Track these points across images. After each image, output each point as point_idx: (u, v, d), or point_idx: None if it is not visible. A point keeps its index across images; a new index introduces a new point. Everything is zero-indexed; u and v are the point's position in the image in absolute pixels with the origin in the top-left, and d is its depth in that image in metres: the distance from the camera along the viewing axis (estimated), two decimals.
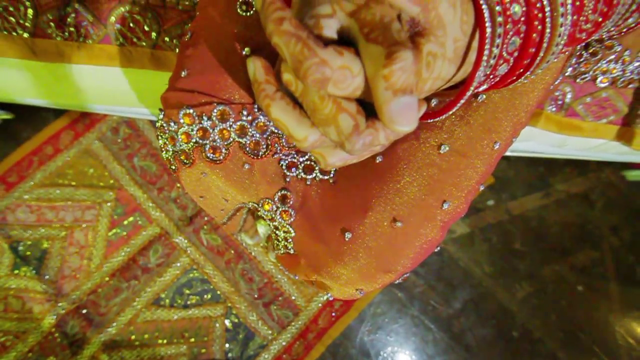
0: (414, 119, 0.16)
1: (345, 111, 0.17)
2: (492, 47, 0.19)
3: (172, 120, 0.25)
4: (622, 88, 0.47)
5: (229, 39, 0.24)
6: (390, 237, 0.25)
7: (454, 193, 0.26)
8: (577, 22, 0.21)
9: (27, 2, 0.40)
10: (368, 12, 0.17)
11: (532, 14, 0.19)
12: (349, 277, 0.26)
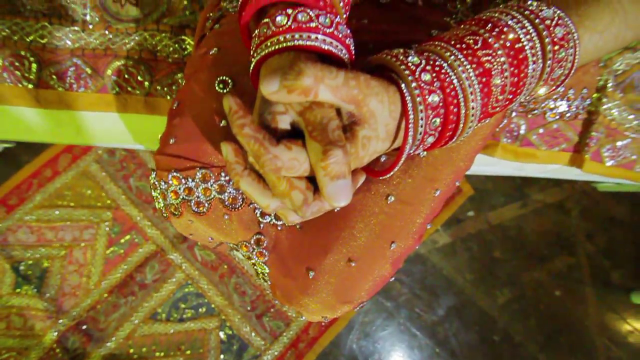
0: (347, 196, 0.21)
1: (297, 188, 0.22)
2: (416, 129, 0.24)
3: (163, 180, 0.30)
4: (570, 120, 0.53)
5: (209, 112, 0.29)
6: (346, 274, 0.30)
7: (401, 235, 0.31)
8: (487, 103, 0.26)
9: (31, 57, 0.45)
10: (311, 113, 0.22)
11: (447, 101, 0.24)
12: (314, 307, 0.31)
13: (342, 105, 0.22)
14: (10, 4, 0.45)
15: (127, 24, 0.45)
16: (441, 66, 0.24)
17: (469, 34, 0.25)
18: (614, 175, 0.58)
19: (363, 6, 0.34)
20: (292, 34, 0.23)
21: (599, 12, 0.27)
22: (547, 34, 0.25)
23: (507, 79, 0.25)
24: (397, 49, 0.25)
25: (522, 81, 0.26)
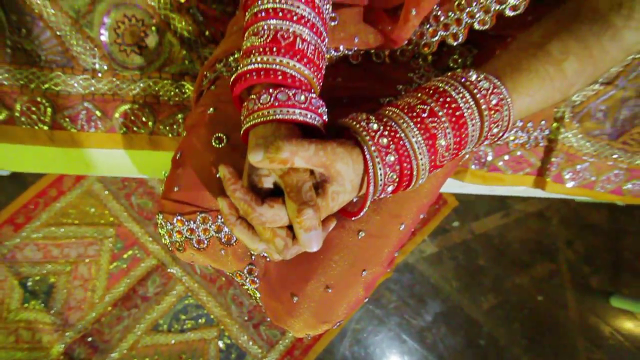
0: (318, 244, 0.27)
1: (279, 236, 0.27)
2: (376, 184, 0.29)
3: (169, 222, 0.35)
4: (532, 148, 0.58)
5: (207, 164, 0.35)
6: (325, 299, 0.35)
7: (372, 264, 0.37)
8: (435, 159, 0.31)
9: (46, 102, 0.50)
10: (289, 177, 0.27)
11: (401, 159, 0.30)
12: (298, 326, 0.36)
13: (314, 168, 0.28)
14: (28, 56, 0.50)
15: (132, 72, 0.51)
16: (396, 131, 0.29)
17: (420, 102, 0.31)
18: (576, 194, 0.64)
19: (337, 66, 0.40)
20: (274, 109, 0.28)
21: (530, 79, 0.32)
22: (484, 102, 0.30)
23: (451, 139, 0.30)
24: (362, 115, 0.31)
25: (463, 140, 0.31)
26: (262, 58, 0.29)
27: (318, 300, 0.35)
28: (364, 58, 0.41)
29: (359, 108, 0.38)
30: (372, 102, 0.39)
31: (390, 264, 0.39)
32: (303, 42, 0.30)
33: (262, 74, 0.29)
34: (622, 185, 0.64)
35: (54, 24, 0.50)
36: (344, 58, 0.40)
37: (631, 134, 0.62)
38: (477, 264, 1.14)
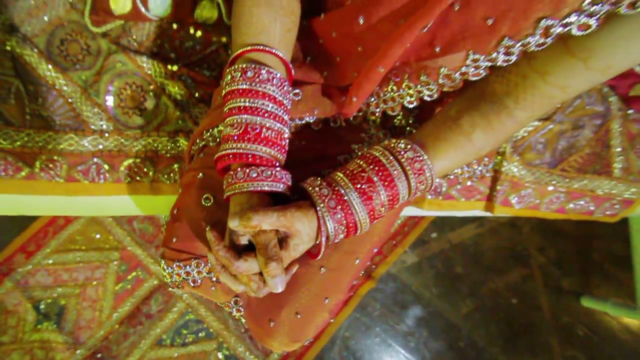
0: (282, 286, 0.35)
1: (253, 280, 0.36)
2: (327, 236, 0.38)
3: (170, 266, 0.44)
4: (479, 179, 0.68)
5: (199, 220, 0.43)
6: (296, 323, 0.44)
7: (333, 292, 0.45)
8: (374, 214, 0.40)
9: (62, 160, 0.59)
10: (259, 237, 0.36)
11: (347, 216, 0.39)
12: (276, 345, 0.45)
13: (279, 229, 0.37)
14: (45, 121, 0.59)
15: (134, 131, 0.60)
16: (342, 194, 0.38)
17: (360, 170, 0.40)
18: (524, 214, 0.74)
19: (302, 131, 0.49)
20: (247, 183, 0.37)
21: (446, 148, 0.42)
22: (409, 168, 0.40)
23: (384, 198, 0.39)
24: (316, 181, 0.40)
25: (395, 197, 0.40)
26: (237, 145, 0.38)
27: (290, 324, 0.44)
28: (324, 123, 0.50)
29: (321, 165, 0.48)
30: (331, 160, 0.48)
31: (351, 290, 0.48)
32: (268, 130, 0.39)
33: (237, 157, 0.38)
34: (564, 205, 0.74)
35: (65, 93, 0.59)
36: (307, 125, 0.49)
37: (568, 161, 0.72)
38: (454, 272, 1.24)
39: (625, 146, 0.73)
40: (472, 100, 0.42)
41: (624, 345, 1.27)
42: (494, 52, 0.37)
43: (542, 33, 0.34)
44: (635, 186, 0.74)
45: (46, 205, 0.61)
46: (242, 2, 0.40)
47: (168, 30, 0.62)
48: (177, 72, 0.60)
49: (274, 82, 0.39)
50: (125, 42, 0.61)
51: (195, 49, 0.62)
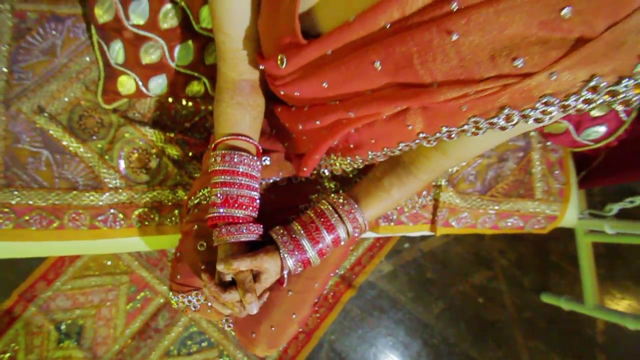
0: (257, 309, 0.51)
1: (236, 306, 0.52)
2: (289, 271, 0.54)
3: (176, 297, 0.59)
4: (422, 208, 0.84)
5: (196, 261, 0.59)
6: (271, 334, 0.59)
7: (299, 309, 0.60)
8: (322, 253, 0.55)
9: (85, 212, 0.74)
10: (238, 275, 0.51)
11: (302, 255, 0.54)
12: (258, 351, 0.60)
13: (253, 269, 0.52)
14: (70, 183, 0.74)
15: (142, 186, 0.75)
16: (298, 240, 0.54)
17: (311, 221, 0.55)
18: (464, 232, 0.89)
19: (271, 189, 0.64)
20: (229, 236, 0.53)
21: (373, 201, 0.57)
22: (346, 217, 0.55)
23: (329, 241, 0.55)
24: (280, 230, 0.55)
25: (336, 240, 0.56)
26: (220, 210, 0.53)
27: (267, 335, 0.59)
28: (288, 180, 0.66)
29: (287, 213, 0.63)
30: (295, 209, 0.64)
31: (314, 305, 0.63)
32: (242, 197, 0.54)
33: (221, 219, 0.53)
34: (497, 223, 0.89)
35: (86, 159, 0.75)
36: (275, 183, 0.65)
37: (496, 188, 0.88)
38: (426, 277, 1.39)
39: (545, 172, 0.89)
40: (391, 165, 0.58)
41: (579, 334, 1.43)
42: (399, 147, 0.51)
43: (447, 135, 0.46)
44: (555, 205, 0.90)
45: (73, 247, 0.77)
46: (220, 104, 0.56)
47: (165, 103, 0.77)
48: (174, 138, 0.76)
49: (245, 162, 0.55)
50: (132, 115, 0.77)
51: (187, 117, 0.78)
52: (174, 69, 0.72)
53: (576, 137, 0.81)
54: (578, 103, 0.29)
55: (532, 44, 0.27)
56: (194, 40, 0.70)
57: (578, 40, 0.26)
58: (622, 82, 0.27)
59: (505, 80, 0.29)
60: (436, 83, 0.33)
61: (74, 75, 0.76)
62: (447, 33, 0.29)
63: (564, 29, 0.26)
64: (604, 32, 0.25)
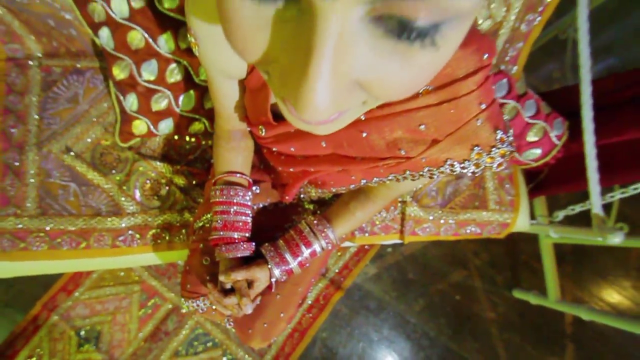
0: (252, 310, 0.65)
1: (235, 308, 0.66)
2: (276, 280, 0.68)
3: (187, 302, 0.74)
4: (390, 221, 0.98)
5: (202, 273, 0.73)
6: (264, 330, 0.73)
7: (286, 309, 0.75)
8: (301, 264, 0.70)
9: (107, 234, 0.89)
10: (236, 284, 0.66)
11: (287, 267, 0.69)
12: (254, 344, 0.74)
13: (247, 279, 0.67)
14: (94, 210, 0.89)
15: (155, 210, 0.90)
16: (282, 255, 0.69)
17: (292, 239, 0.70)
18: (429, 239, 1.04)
19: (262, 211, 0.79)
20: (227, 253, 0.68)
21: (342, 221, 0.72)
22: (320, 235, 0.70)
23: (307, 255, 0.69)
24: (269, 246, 0.70)
25: (313, 254, 0.70)
26: (220, 233, 0.68)
27: (261, 331, 0.74)
28: (274, 205, 0.81)
29: (275, 231, 0.78)
30: (281, 228, 0.79)
31: (299, 306, 0.78)
32: (238, 222, 0.69)
33: (221, 240, 0.68)
34: (457, 231, 1.04)
35: (107, 190, 0.89)
36: (264, 207, 0.80)
37: (455, 202, 1.03)
38: (407, 278, 1.54)
39: (496, 186, 1.05)
40: (356, 192, 0.73)
41: (549, 325, 1.58)
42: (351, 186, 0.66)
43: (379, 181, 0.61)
44: (507, 213, 1.05)
45: (97, 264, 0.91)
46: (218, 148, 0.71)
47: (172, 140, 0.92)
48: (180, 169, 0.91)
49: (239, 194, 0.70)
50: (144, 151, 0.92)
51: (191, 151, 0.93)
52: (178, 113, 0.87)
53: (519, 158, 0.96)
54: (446, 170, 0.44)
55: (407, 141, 0.43)
56: (194, 90, 0.85)
57: (433, 141, 0.42)
58: (465, 162, 0.42)
59: (397, 160, 0.45)
60: (359, 157, 0.48)
61: (94, 120, 0.91)
62: (360, 132, 0.44)
63: (423, 135, 0.42)
64: (448, 136, 0.40)
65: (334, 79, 0.19)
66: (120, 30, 0.76)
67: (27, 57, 0.91)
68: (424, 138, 0.42)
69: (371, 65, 0.20)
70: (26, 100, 0.89)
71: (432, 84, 0.39)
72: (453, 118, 0.39)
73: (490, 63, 0.39)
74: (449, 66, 0.38)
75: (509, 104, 0.83)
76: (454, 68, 0.38)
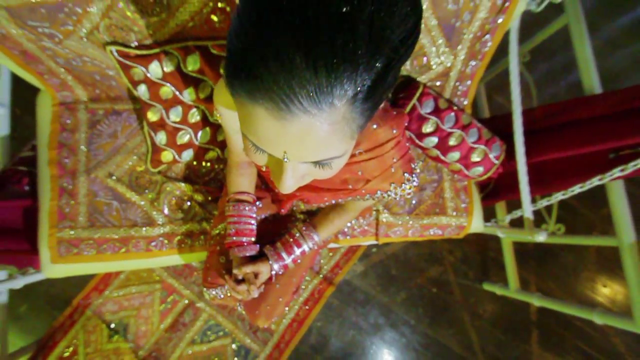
0: (257, 294, 0.89)
1: (246, 293, 0.90)
2: (276, 272, 0.92)
3: (208, 291, 0.97)
4: (368, 225, 1.23)
5: (220, 269, 0.95)
6: (267, 311, 0.95)
7: (284, 295, 0.97)
8: (294, 261, 0.94)
9: (142, 240, 1.13)
10: (245, 275, 0.90)
11: (283, 263, 0.92)
12: (260, 323, 0.96)
13: (254, 271, 0.91)
14: (132, 221, 1.12)
15: (179, 221, 1.14)
16: (280, 253, 0.93)
17: (286, 242, 0.94)
18: (400, 240, 1.28)
19: (264, 221, 1.03)
20: (239, 253, 0.92)
21: (324, 227, 0.96)
22: (307, 238, 0.94)
23: (298, 253, 0.94)
24: (270, 248, 0.94)
25: (303, 253, 0.95)
26: (233, 238, 0.92)
27: (265, 312, 0.97)
28: (273, 216, 1.05)
29: (273, 236, 1.02)
30: (277, 233, 1.02)
31: (294, 293, 1.02)
32: (246, 230, 0.93)
33: (234, 244, 0.92)
34: (422, 232, 1.28)
35: (142, 206, 1.13)
36: (266, 217, 1.04)
37: (419, 209, 1.27)
38: (390, 274, 1.78)
39: (453, 196, 1.29)
40: (334, 206, 0.97)
41: (517, 313, 1.81)
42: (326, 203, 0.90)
43: (345, 200, 0.88)
44: (463, 218, 1.29)
45: (134, 264, 1.15)
46: (230, 174, 0.95)
47: (192, 165, 1.17)
48: (198, 188, 1.15)
49: (247, 208, 0.94)
50: (170, 175, 1.16)
51: (207, 174, 1.17)
52: (197, 145, 1.11)
53: (468, 174, 1.21)
54: (378, 195, 0.69)
55: (352, 180, 0.68)
56: (209, 127, 1.10)
57: (366, 180, 0.66)
58: (388, 192, 0.67)
59: (349, 191, 0.70)
60: (325, 188, 0.73)
61: (130, 150, 1.15)
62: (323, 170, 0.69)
63: (361, 177, 0.67)
64: (375, 177, 0.65)
65: (292, 177, 0.43)
66: (155, 86, 1.00)
67: (76, 101, 1.16)
68: (361, 178, 0.66)
69: (308, 171, 0.45)
70: (76, 136, 1.14)
71: (363, 148, 0.63)
72: (378, 167, 0.64)
73: (399, 134, 0.63)
74: (374, 136, 0.62)
75: (430, 118, 1.09)
76: (377, 138, 0.62)
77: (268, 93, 0.31)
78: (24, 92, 1.22)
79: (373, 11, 0.29)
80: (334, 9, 0.28)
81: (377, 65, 0.31)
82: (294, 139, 0.35)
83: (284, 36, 0.29)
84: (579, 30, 1.15)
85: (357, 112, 0.35)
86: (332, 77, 0.30)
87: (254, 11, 0.30)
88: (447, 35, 1.05)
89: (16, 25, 0.88)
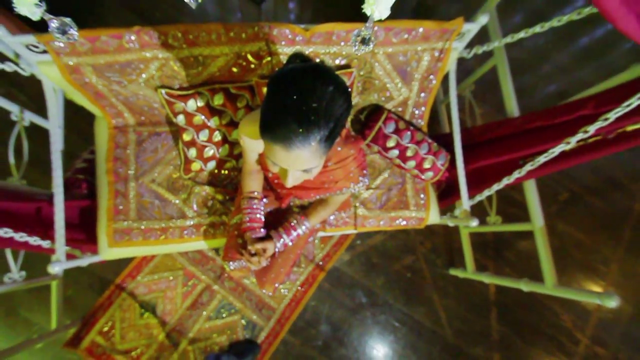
0: (266, 264, 1.26)
1: (256, 264, 1.26)
2: (279, 248, 1.29)
3: (227, 263, 1.33)
4: (349, 217, 1.60)
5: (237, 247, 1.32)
6: (272, 278, 1.30)
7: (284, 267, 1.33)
8: (293, 240, 1.31)
9: (177, 230, 1.49)
10: (256, 250, 1.26)
11: (284, 242, 1.29)
12: (267, 288, 1.32)
13: (263, 248, 1.28)
14: (169, 215, 1.49)
15: (204, 215, 1.50)
16: (281, 236, 1.30)
17: (286, 227, 1.31)
18: (374, 229, 1.65)
19: (269, 214, 1.40)
20: (252, 235, 1.29)
21: (313, 217, 1.33)
22: (301, 224, 1.31)
23: (294, 236, 1.31)
24: (275, 231, 1.31)
25: (297, 235, 1.32)
26: (247, 224, 1.29)
27: (270, 279, 1.33)
28: (276, 209, 1.42)
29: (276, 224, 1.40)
30: (279, 222, 1.40)
31: (292, 266, 1.38)
32: (256, 219, 1.30)
33: (248, 229, 1.29)
34: (390, 223, 1.65)
35: (177, 204, 1.50)
36: (270, 210, 1.41)
37: (388, 205, 1.64)
38: (372, 262, 2.14)
39: (414, 194, 1.66)
40: (321, 200, 1.34)
41: (479, 295, 2.18)
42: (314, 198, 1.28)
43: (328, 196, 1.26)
44: (422, 212, 1.67)
45: (170, 248, 1.52)
46: (244, 179, 1.32)
47: (214, 173, 1.54)
48: (219, 190, 1.52)
49: (256, 204, 1.31)
50: (198, 180, 1.53)
51: (226, 179, 1.55)
52: (218, 157, 1.49)
53: (423, 177, 1.59)
54: (344, 191, 1.08)
55: (327, 182, 1.06)
56: (228, 144, 1.48)
57: (336, 181, 1.05)
58: (349, 189, 1.05)
59: (326, 189, 1.08)
60: (311, 187, 1.11)
61: (168, 162, 1.52)
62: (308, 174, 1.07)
63: (332, 179, 1.06)
64: (340, 180, 1.04)
65: (292, 177, 0.81)
66: (190, 116, 1.38)
67: (126, 125, 1.54)
68: (332, 180, 1.05)
69: (300, 175, 0.83)
70: (127, 152, 1.51)
71: (332, 162, 1.02)
72: (342, 173, 1.02)
73: (356, 152, 1.02)
74: (339, 154, 1.01)
75: (392, 136, 1.48)
76: (341, 155, 1.01)
77: (281, 140, 0.69)
78: (65, 114, 1.60)
79: (326, 105, 0.67)
80: (309, 105, 0.66)
81: (330, 125, 0.70)
82: (293, 159, 0.73)
83: (288, 116, 0.67)
84: (503, 69, 1.54)
85: (322, 145, 0.73)
86: (310, 133, 0.68)
87: (272, 103, 0.69)
88: (402, 76, 1.45)
89: (96, 76, 1.27)
